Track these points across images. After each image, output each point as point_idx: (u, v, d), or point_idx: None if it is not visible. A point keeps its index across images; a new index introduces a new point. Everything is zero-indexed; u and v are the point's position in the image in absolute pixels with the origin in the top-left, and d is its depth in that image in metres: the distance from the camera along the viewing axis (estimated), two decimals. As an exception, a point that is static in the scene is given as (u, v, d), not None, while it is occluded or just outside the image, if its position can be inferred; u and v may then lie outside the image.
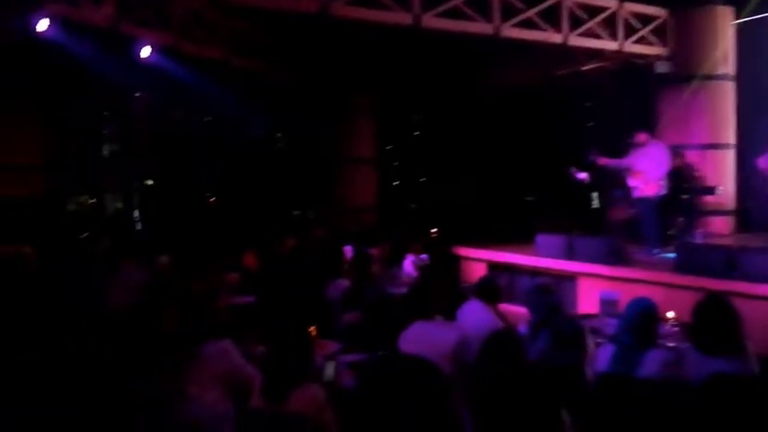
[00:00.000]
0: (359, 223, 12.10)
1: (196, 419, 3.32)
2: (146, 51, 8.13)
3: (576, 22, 9.77)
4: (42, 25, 6.73)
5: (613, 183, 9.20)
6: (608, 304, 5.67)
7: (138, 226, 12.31)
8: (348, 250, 7.90)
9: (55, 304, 4.85)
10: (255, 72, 10.50)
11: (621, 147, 8.85)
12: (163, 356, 3.54)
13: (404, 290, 6.24)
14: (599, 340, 4.40)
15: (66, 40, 7.55)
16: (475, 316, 4.95)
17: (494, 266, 9.15)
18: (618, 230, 8.78)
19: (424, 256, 8.30)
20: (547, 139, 12.61)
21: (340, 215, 12.81)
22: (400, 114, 15.20)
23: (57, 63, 8.22)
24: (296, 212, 14.31)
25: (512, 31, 9.27)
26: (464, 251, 9.82)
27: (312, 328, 3.94)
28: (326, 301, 5.68)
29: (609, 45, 10.17)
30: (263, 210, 12.93)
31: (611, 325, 4.94)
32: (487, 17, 9.08)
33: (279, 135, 14.53)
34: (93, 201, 12.34)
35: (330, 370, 3.83)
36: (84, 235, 8.77)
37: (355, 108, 13.58)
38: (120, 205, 13.41)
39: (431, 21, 8.75)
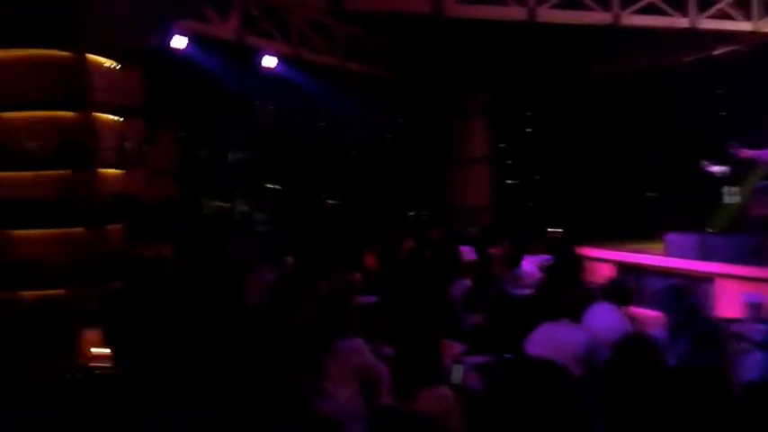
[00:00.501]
0: (474, 223, 11.99)
1: (334, 415, 3.41)
2: (268, 61, 8.52)
3: (704, 4, 9.12)
4: (178, 42, 7.23)
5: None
6: (754, 308, 5.25)
7: (263, 228, 12.90)
8: (465, 251, 7.84)
9: (196, 302, 5.18)
10: (369, 75, 10.70)
11: (761, 136, 8.16)
12: (300, 352, 3.68)
13: (525, 291, 6.10)
14: (745, 346, 4.08)
15: (197, 54, 8.09)
16: (604, 318, 4.75)
17: (621, 267, 8.74)
18: (760, 227, 8.09)
19: (545, 256, 8.07)
20: (669, 131, 11.85)
21: (454, 215, 12.75)
22: (513, 112, 14.87)
23: (189, 76, 8.81)
24: (410, 214, 14.41)
25: (632, 19, 8.81)
26: (587, 251, 9.45)
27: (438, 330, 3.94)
28: (449, 302, 5.67)
29: (742, 26, 9.41)
30: (379, 211, 13.13)
31: (758, 330, 4.57)
32: (605, 5, 8.69)
33: (393, 137, 14.69)
34: (227, 204, 13.08)
35: (458, 372, 3.80)
36: (219, 237, 9.31)
37: (468, 107, 13.47)
38: (246, 209, 14.14)
39: (546, 13, 8.52)
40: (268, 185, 14.07)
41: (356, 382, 3.66)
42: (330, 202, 14.04)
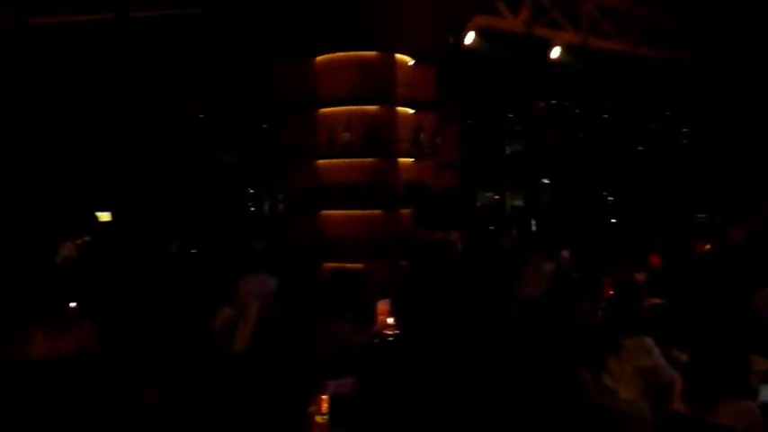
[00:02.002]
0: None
1: (616, 414, 3.32)
2: (555, 52, 8.43)
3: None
4: (469, 38, 7.58)
5: None
6: None
7: (536, 222, 12.86)
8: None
9: (480, 289, 5.41)
10: (665, 61, 9.89)
11: None
12: (584, 348, 3.63)
13: None
14: None
15: (484, 48, 8.36)
16: None
17: None
18: None
19: None
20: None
21: (761, 220, 11.13)
22: None
23: (474, 70, 9.16)
24: (701, 216, 13.01)
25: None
26: None
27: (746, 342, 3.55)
28: (754, 313, 5.03)
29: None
30: (663, 210, 12.12)
31: None
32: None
33: (685, 130, 13.40)
34: (497, 197, 13.35)
35: (766, 392, 3.39)
36: (491, 228, 9.55)
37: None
38: (518, 203, 14.24)
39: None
40: (544, 180, 13.96)
41: (640, 382, 3.50)
42: (610, 198, 13.39)
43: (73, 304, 4.27)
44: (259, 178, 12.20)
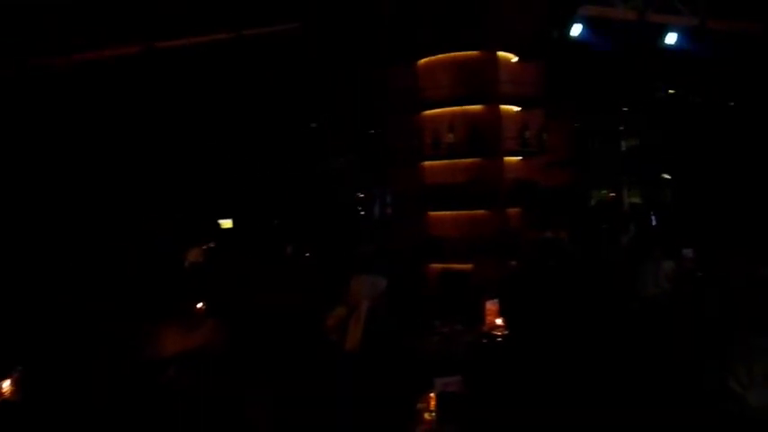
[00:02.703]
0: None
1: (743, 423, 3.10)
2: (670, 38, 7.97)
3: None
4: (576, 30, 7.35)
5: None
6: None
7: (654, 219, 12.19)
8: None
9: (587, 287, 5.24)
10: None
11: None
12: (709, 347, 3.43)
13: None
14: None
15: (593, 39, 8.04)
16: None
17: None
18: None
19: None
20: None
21: None
22: None
23: (584, 63, 8.83)
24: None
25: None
26: None
27: None
28: None
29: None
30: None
31: None
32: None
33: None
34: (613, 194, 12.80)
35: None
36: (605, 227, 9.18)
37: None
38: (636, 200, 13.54)
39: None
40: (664, 176, 13.21)
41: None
42: (737, 193, 12.39)
43: (200, 305, 4.63)
44: (368, 182, 12.48)
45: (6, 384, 3.40)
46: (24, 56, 8.32)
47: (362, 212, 12.92)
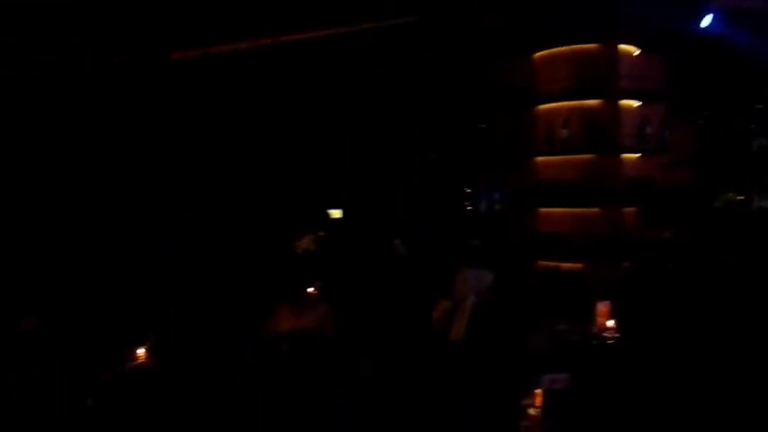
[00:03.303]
0: None
1: None
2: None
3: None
4: (707, 21, 6.92)
5: None
6: None
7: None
8: None
9: (713, 295, 4.98)
10: None
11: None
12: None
13: None
14: None
15: (724, 30, 7.54)
16: None
17: None
18: None
19: None
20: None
21: None
22: None
23: (712, 56, 8.28)
24: None
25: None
26: None
27: None
28: None
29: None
30: None
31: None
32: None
33: None
34: (741, 197, 11.91)
35: None
36: (733, 231, 8.58)
37: None
38: (766, 204, 12.49)
39: None
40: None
41: None
42: None
43: (312, 289, 4.89)
44: (476, 178, 12.40)
45: (141, 351, 3.74)
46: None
47: (469, 208, 12.86)
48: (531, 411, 3.25)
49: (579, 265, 6.39)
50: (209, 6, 8.40)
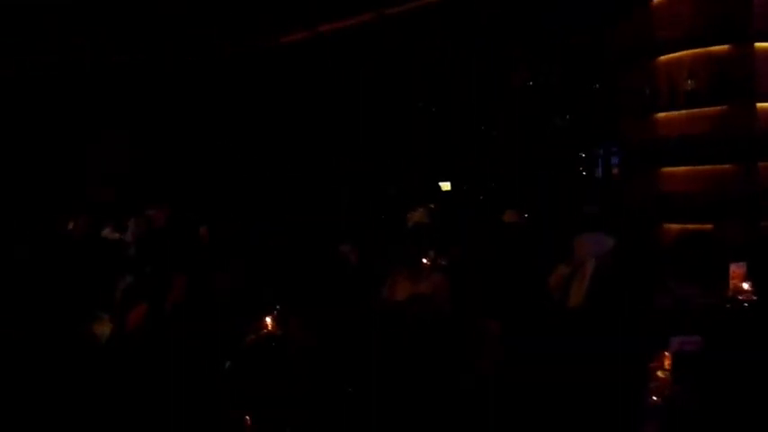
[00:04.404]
0: None
1: None
2: None
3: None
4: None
5: None
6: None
7: None
8: None
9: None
10: None
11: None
12: None
13: None
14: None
15: None
16: None
17: None
18: None
19: None
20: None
21: None
22: None
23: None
24: None
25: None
26: None
27: None
28: None
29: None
30: None
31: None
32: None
33: None
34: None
35: None
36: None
37: None
38: None
39: None
40: None
41: None
42: None
43: (425, 260, 5.12)
44: (591, 141, 11.93)
45: (269, 320, 3.94)
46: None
47: (584, 173, 12.41)
48: (660, 373, 3.11)
49: (708, 226, 5.98)
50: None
